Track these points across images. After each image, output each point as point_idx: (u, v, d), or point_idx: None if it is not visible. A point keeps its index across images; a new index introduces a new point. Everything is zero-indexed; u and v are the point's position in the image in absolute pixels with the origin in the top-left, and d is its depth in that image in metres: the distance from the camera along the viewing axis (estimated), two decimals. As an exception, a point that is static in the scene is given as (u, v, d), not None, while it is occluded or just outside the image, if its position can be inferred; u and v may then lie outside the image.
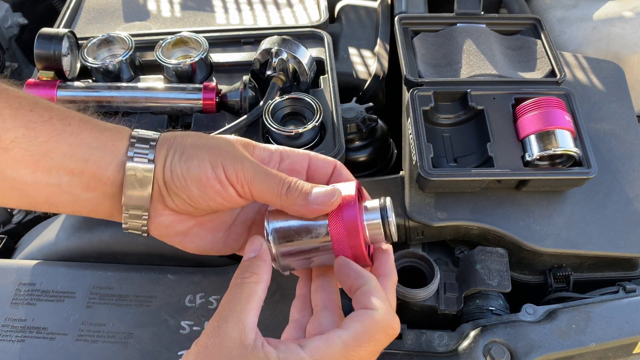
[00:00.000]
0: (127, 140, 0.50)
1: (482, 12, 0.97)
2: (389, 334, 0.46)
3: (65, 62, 0.84)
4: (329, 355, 0.43)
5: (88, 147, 0.48)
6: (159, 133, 0.53)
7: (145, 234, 0.55)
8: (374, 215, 0.52)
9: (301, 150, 0.57)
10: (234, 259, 0.73)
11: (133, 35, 0.89)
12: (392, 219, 0.51)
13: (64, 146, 0.47)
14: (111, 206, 0.52)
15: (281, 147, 0.56)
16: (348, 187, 0.52)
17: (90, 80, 0.86)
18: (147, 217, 0.52)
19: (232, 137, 0.54)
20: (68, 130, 0.48)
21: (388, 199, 0.52)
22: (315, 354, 0.43)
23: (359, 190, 0.54)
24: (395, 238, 0.52)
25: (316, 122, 0.77)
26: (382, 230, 0.51)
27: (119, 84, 0.84)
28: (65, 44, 0.83)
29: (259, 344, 0.44)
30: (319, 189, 0.50)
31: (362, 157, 1.00)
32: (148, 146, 0.50)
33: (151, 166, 0.50)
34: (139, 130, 0.52)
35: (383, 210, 0.52)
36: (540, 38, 0.94)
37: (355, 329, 0.44)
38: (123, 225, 0.53)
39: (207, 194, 0.50)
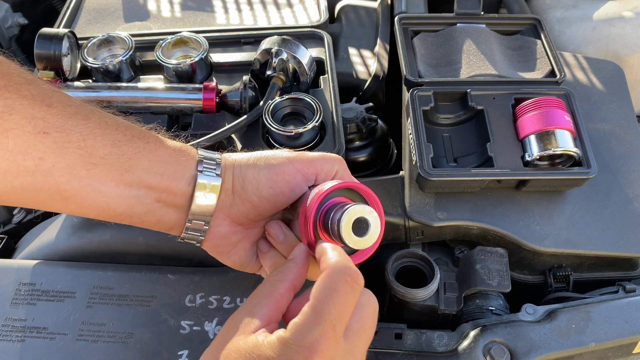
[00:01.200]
0: (195, 157, 0.56)
1: (482, 12, 0.97)
2: (348, 281, 0.45)
3: (66, 62, 0.84)
4: (304, 324, 0.43)
5: (164, 163, 0.54)
6: (219, 153, 0.58)
7: (199, 244, 0.59)
8: (338, 215, 0.50)
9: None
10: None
11: (133, 35, 0.89)
12: (343, 228, 0.49)
13: (144, 162, 0.53)
14: (177, 217, 0.57)
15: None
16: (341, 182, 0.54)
17: (90, 81, 0.86)
18: (207, 227, 0.57)
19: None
20: (147, 148, 0.54)
21: (356, 209, 0.49)
22: (291, 327, 0.43)
23: (353, 189, 0.54)
24: (351, 244, 0.49)
25: (316, 122, 0.77)
26: (335, 231, 0.50)
27: (119, 84, 0.84)
28: (65, 44, 0.83)
29: (261, 333, 0.45)
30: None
31: (362, 157, 1.00)
32: (214, 163, 0.56)
33: (219, 179, 0.55)
34: (201, 149, 0.58)
35: (340, 215, 0.49)
36: (540, 38, 0.94)
37: (317, 291, 0.45)
38: (181, 235, 0.58)
39: (276, 185, 0.56)
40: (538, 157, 0.77)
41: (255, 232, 0.60)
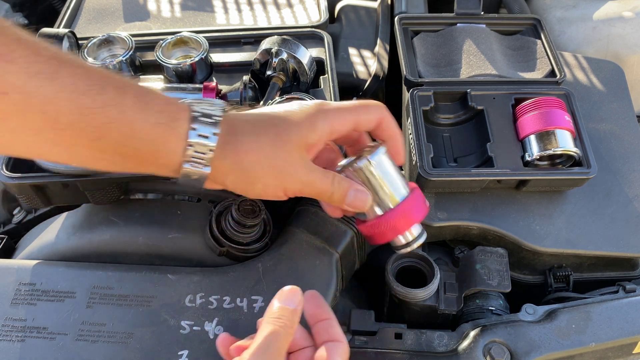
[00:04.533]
0: (183, 137, 0.50)
1: (482, 12, 0.97)
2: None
3: (66, 62, 0.84)
4: None
5: (139, 140, 0.49)
6: (219, 117, 0.52)
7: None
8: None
9: (346, 120, 0.57)
10: (233, 259, 0.73)
11: (133, 36, 0.89)
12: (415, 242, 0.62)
13: (116, 134, 0.48)
14: (167, 171, 0.54)
15: (332, 129, 0.56)
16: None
17: (90, 80, 0.86)
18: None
19: (298, 136, 0.54)
20: (120, 119, 0.48)
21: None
22: None
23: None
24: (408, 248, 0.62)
25: (316, 122, 0.77)
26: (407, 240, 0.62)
27: (119, 84, 0.84)
28: (65, 44, 0.83)
29: None
30: (350, 198, 0.57)
31: (362, 157, 1.00)
32: (206, 149, 0.51)
33: (207, 169, 0.51)
34: (196, 116, 0.51)
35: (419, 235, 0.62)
36: (540, 38, 0.94)
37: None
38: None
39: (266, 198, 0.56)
40: (538, 157, 0.77)
41: None
